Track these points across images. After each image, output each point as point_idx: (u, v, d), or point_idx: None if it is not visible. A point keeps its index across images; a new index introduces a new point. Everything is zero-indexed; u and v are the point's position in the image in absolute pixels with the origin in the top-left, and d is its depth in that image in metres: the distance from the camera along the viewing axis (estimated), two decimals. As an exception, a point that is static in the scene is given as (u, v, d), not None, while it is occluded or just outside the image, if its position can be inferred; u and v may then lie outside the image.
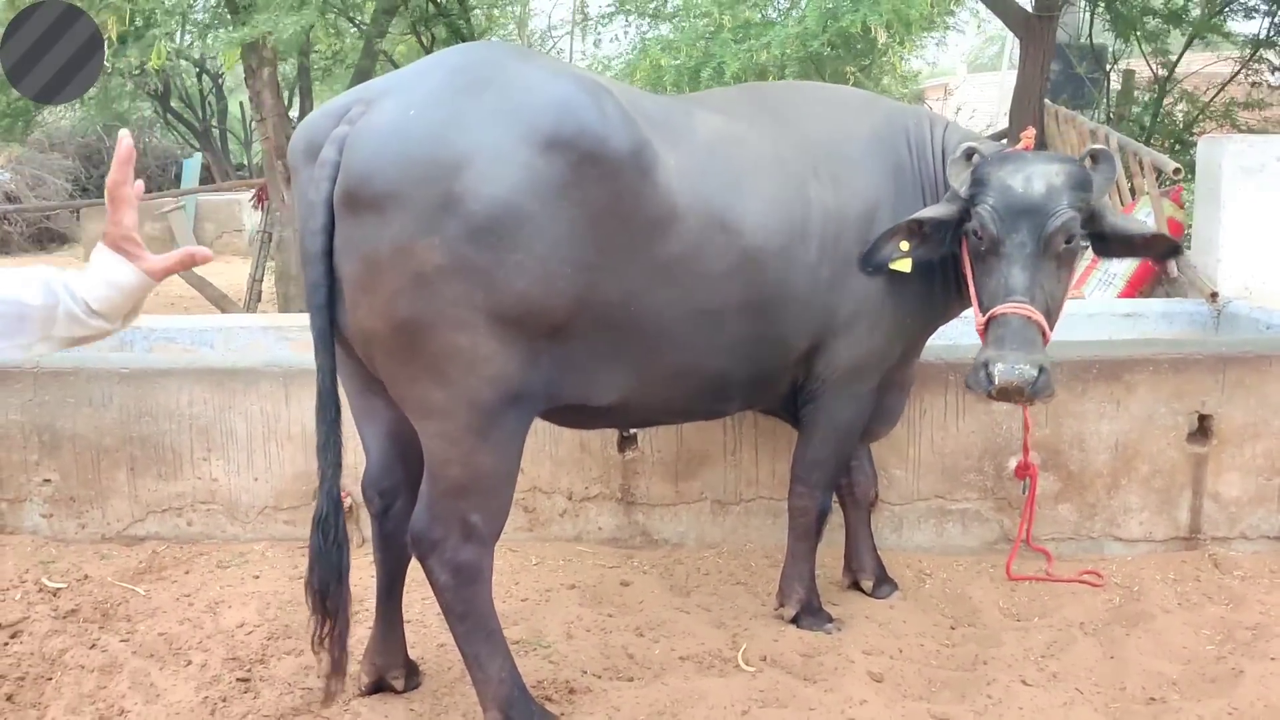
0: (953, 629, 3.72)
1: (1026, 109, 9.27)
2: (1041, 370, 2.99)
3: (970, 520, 4.23)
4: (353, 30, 8.57)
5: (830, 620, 3.67)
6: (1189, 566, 4.11)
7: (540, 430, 4.02)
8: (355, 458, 3.57)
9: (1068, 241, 3.08)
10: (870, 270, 3.26)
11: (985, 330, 3.10)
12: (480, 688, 2.97)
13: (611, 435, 4.22)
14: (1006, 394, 3.02)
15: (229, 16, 7.65)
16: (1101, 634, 3.63)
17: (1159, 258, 3.46)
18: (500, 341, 2.67)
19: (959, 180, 3.22)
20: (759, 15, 7.49)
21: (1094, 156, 3.14)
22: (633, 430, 4.18)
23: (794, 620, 3.66)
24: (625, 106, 2.85)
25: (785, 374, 3.41)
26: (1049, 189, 3.05)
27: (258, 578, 4.05)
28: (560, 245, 2.68)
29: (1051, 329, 3.13)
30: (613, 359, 2.94)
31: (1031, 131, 3.45)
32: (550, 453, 4.23)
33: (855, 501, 3.95)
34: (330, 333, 2.74)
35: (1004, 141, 3.34)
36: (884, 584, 3.94)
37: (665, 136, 2.94)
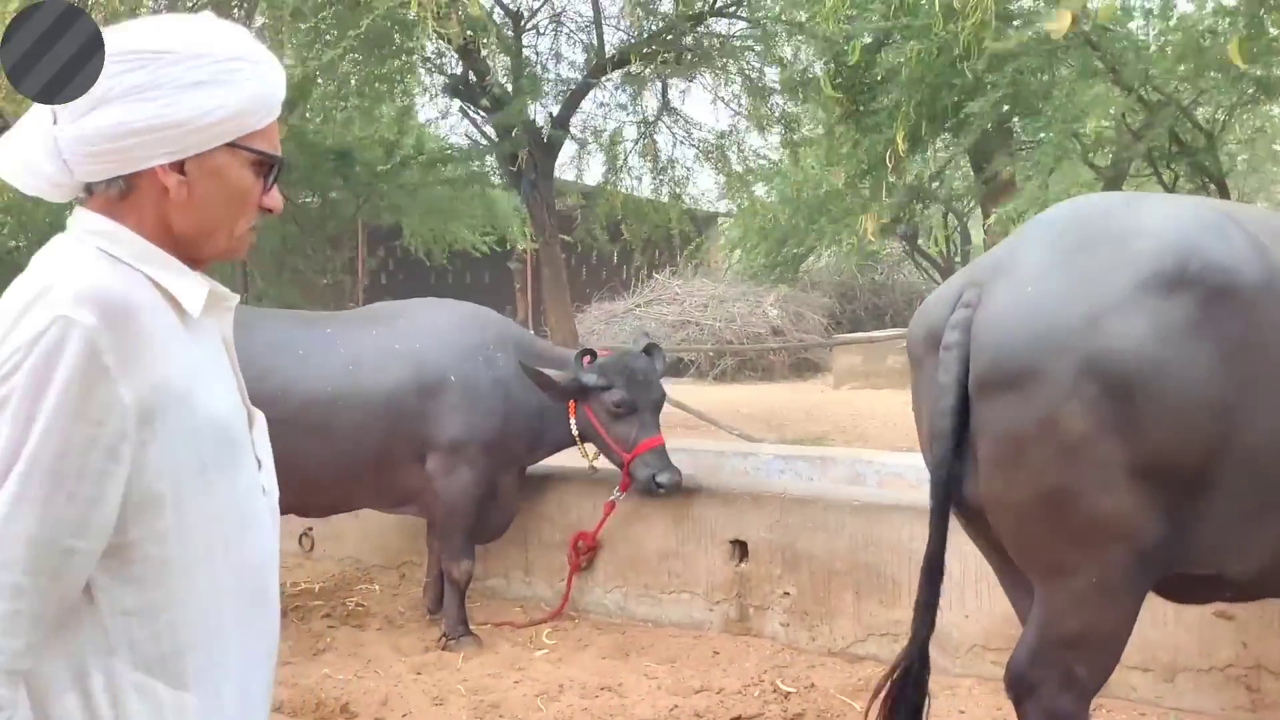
0: None
1: None
2: None
3: None
4: (1088, 172, 8.65)
5: None
6: None
7: (1270, 603, 3.71)
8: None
9: None
10: None
11: None
12: None
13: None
14: None
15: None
16: None
17: None
18: (1138, 499, 2.62)
19: None
20: None
21: None
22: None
23: None
24: (1254, 233, 2.69)
25: None
26: None
27: (962, 712, 4.22)
28: (1195, 388, 2.58)
29: None
30: (1260, 515, 2.68)
31: None
32: (1278, 629, 3.87)
33: None
34: (949, 504, 2.91)
35: None
36: None
37: None
